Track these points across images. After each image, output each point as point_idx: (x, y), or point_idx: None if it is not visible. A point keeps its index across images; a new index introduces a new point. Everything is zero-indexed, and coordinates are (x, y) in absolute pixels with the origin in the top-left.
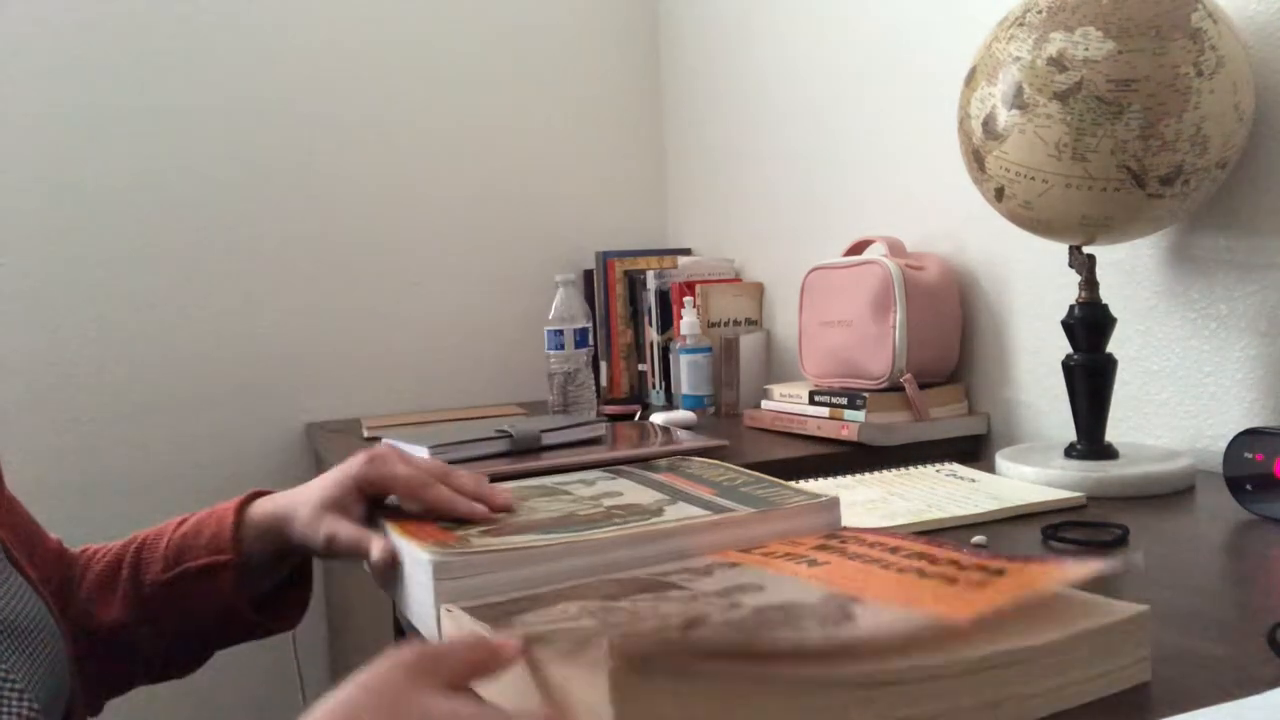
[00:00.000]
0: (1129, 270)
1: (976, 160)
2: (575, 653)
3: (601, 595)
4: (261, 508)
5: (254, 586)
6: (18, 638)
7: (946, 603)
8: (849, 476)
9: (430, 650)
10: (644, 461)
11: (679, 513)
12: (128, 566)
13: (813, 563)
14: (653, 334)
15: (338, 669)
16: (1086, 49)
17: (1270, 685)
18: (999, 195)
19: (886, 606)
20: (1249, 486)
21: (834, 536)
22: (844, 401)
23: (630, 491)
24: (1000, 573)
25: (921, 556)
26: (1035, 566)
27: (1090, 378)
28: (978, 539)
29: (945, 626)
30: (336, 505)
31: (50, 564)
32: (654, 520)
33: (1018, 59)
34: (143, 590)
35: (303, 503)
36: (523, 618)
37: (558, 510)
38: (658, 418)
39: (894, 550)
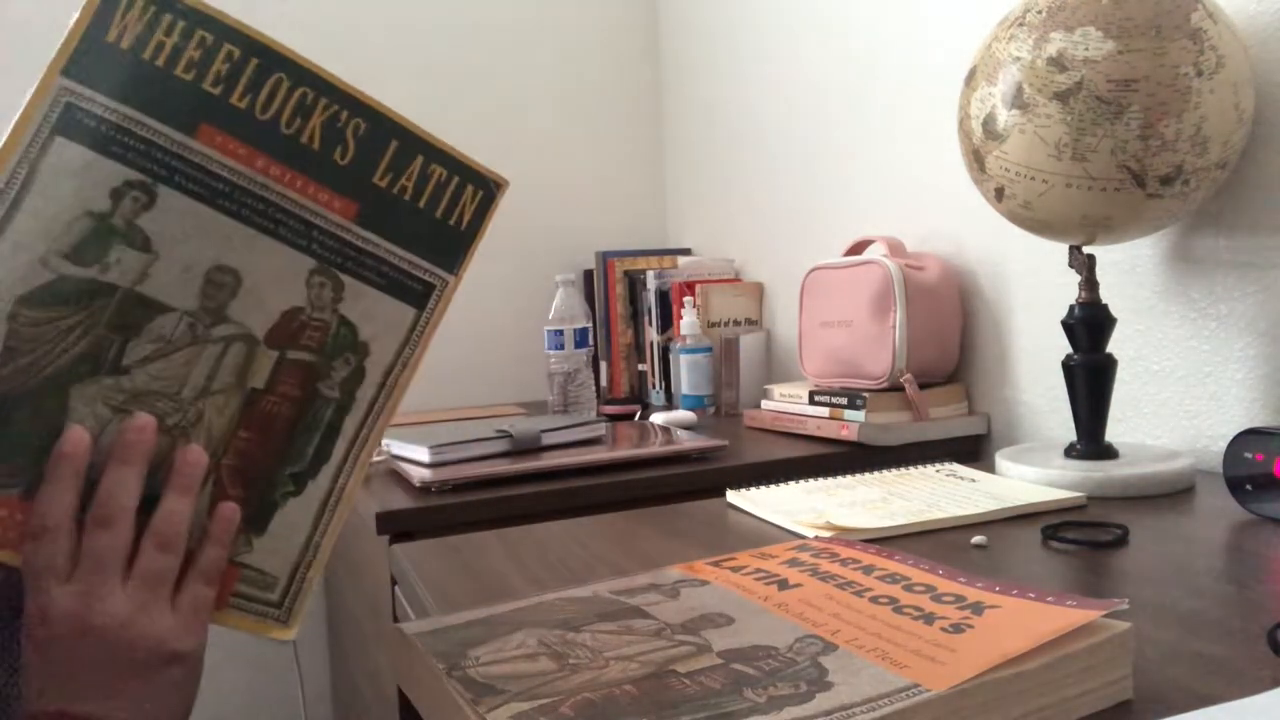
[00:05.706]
0: (1129, 270)
1: (976, 160)
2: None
3: (560, 621)
4: None
5: None
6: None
7: (922, 662)
8: (849, 476)
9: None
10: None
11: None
12: None
13: (784, 584)
14: (653, 334)
15: (338, 669)
16: (1086, 49)
17: (1270, 685)
18: (999, 195)
19: (860, 658)
20: (1249, 486)
21: (806, 548)
22: (844, 401)
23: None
24: (971, 621)
25: (895, 579)
26: (1012, 611)
27: (1090, 378)
28: (978, 539)
29: (919, 703)
30: None
31: None
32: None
33: (1018, 59)
34: None
35: None
36: (476, 650)
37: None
38: (658, 418)
39: (868, 570)
